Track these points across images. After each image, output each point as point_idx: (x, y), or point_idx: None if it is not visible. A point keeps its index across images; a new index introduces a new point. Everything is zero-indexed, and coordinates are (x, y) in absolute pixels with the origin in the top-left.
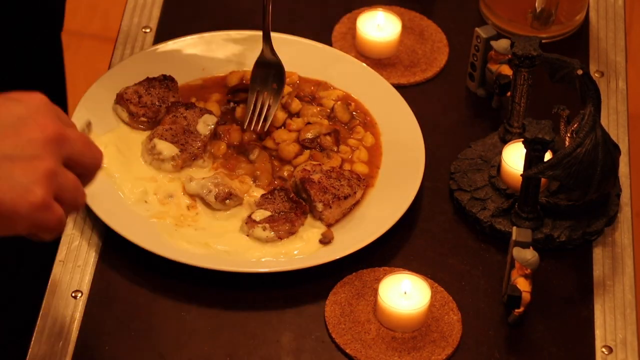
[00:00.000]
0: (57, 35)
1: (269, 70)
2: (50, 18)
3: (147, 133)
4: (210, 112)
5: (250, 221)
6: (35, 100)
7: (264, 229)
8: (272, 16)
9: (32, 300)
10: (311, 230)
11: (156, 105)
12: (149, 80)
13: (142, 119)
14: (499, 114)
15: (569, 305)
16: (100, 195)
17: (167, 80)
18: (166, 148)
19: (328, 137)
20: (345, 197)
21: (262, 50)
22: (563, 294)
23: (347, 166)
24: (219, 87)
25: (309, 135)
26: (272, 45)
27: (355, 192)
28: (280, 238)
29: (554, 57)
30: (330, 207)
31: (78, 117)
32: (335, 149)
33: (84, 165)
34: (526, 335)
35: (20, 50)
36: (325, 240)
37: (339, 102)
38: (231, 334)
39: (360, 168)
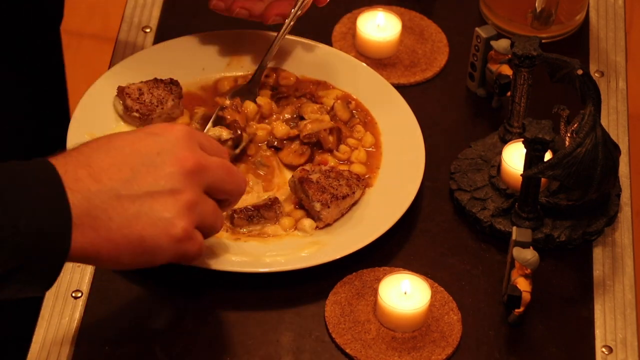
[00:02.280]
0: (56, 29)
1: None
2: (49, 11)
3: None
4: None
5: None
6: (175, 133)
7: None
8: None
9: (32, 300)
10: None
11: (153, 105)
12: (155, 80)
13: (135, 114)
14: (499, 114)
15: (569, 305)
16: None
17: (172, 84)
18: None
19: (330, 137)
20: (344, 197)
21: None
22: (563, 294)
23: (343, 167)
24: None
25: (309, 130)
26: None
27: (354, 192)
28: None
29: (554, 57)
30: (329, 207)
31: (78, 117)
32: (336, 148)
33: (226, 192)
34: (526, 335)
35: (19, 46)
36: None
37: (339, 101)
38: (231, 334)
39: (358, 169)
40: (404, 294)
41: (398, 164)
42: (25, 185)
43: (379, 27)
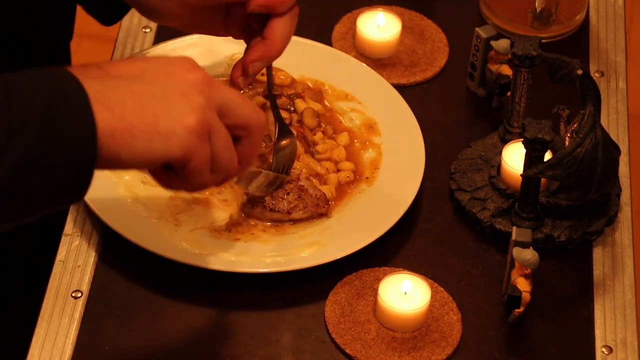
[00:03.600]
0: (66, 44)
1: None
2: (59, 27)
3: None
4: None
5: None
6: (185, 57)
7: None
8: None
9: (32, 300)
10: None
11: None
12: None
13: None
14: (499, 114)
15: (569, 305)
16: (100, 196)
17: None
18: None
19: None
20: (278, 211)
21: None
22: (563, 294)
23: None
24: None
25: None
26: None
27: (291, 212)
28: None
29: (554, 57)
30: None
31: None
32: (292, 108)
33: (240, 117)
34: (526, 335)
35: (29, 59)
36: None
37: (308, 109)
38: (231, 334)
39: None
40: (404, 294)
41: (398, 164)
42: (37, 78)
43: (379, 27)
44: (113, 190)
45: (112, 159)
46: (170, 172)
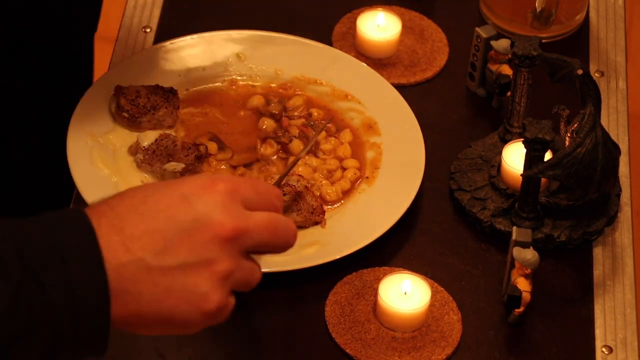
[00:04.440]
0: (90, 38)
1: None
2: (86, 19)
3: (147, 134)
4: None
5: None
6: (215, 195)
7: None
8: (271, 16)
9: None
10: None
11: (145, 109)
12: (157, 86)
13: (124, 114)
14: (499, 114)
15: (569, 305)
16: (100, 196)
17: (170, 93)
18: (169, 165)
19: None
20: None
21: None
22: (563, 294)
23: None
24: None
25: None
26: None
27: (285, 211)
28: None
29: (554, 57)
30: None
31: (78, 117)
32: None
33: (270, 251)
34: (526, 335)
35: (55, 52)
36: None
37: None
38: (231, 334)
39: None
40: (404, 294)
41: (398, 164)
42: (64, 255)
43: (379, 27)
44: (114, 190)
45: (134, 333)
46: None
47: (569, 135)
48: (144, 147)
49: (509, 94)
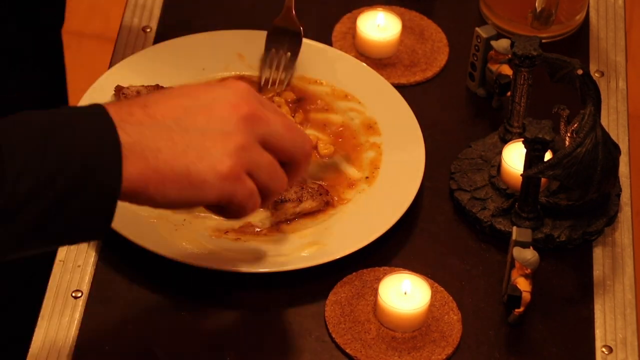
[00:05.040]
0: (57, 32)
1: (285, 36)
2: (50, 14)
3: None
4: None
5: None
6: (235, 85)
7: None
8: (271, 16)
9: (32, 300)
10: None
11: None
12: (157, 86)
13: None
14: (499, 114)
15: (569, 305)
16: None
17: None
18: None
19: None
20: (282, 201)
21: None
22: (563, 294)
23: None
24: None
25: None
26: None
27: (300, 201)
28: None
29: (554, 57)
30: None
31: None
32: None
33: (285, 150)
34: (526, 335)
35: (21, 48)
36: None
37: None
38: (231, 334)
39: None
40: (404, 294)
41: (398, 164)
42: (75, 123)
43: (379, 27)
44: None
45: (150, 203)
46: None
47: (569, 135)
48: None
49: (509, 94)
